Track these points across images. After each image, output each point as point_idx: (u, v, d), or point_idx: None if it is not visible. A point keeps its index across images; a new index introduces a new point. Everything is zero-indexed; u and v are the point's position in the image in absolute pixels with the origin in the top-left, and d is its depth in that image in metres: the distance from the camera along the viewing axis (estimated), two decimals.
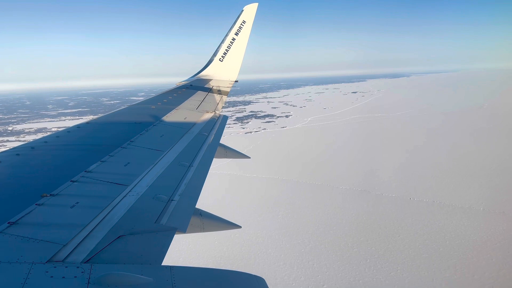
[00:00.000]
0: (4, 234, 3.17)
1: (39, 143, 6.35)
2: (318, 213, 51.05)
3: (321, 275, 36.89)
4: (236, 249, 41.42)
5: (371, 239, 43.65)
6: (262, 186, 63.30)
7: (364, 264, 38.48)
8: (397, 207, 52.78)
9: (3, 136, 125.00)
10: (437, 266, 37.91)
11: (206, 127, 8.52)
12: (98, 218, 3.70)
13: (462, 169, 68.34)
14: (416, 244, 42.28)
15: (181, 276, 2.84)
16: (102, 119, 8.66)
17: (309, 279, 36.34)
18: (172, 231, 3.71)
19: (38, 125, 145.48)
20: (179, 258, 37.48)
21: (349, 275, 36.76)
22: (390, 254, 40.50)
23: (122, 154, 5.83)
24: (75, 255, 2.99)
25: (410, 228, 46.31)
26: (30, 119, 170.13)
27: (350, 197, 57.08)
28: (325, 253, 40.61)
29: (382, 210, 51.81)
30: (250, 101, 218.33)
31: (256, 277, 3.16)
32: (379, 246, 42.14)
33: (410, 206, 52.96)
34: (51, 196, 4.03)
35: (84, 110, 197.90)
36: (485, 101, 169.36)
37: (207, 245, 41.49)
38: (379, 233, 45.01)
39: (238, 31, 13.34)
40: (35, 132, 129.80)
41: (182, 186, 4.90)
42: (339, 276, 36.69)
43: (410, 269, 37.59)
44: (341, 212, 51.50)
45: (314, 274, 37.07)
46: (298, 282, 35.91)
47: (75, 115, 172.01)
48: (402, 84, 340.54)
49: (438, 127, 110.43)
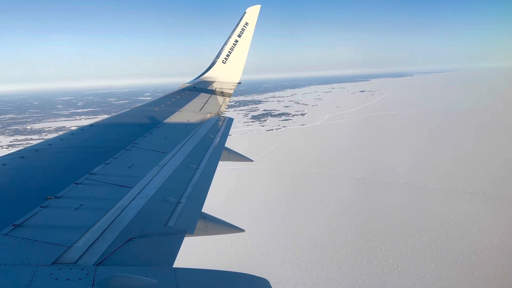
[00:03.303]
0: (9, 237, 3.17)
1: (44, 145, 6.36)
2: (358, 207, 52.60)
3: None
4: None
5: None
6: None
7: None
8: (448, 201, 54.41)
9: (24, 135, 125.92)
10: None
11: (211, 129, 8.49)
12: (103, 220, 3.71)
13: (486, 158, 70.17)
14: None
15: (185, 278, 2.85)
16: (105, 121, 8.72)
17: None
18: (182, 233, 3.73)
19: (56, 124, 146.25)
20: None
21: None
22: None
23: (126, 156, 5.84)
24: (87, 258, 3.01)
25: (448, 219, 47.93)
26: (45, 119, 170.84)
27: (394, 190, 58.78)
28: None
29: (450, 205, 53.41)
30: (260, 100, 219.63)
31: (261, 279, 3.16)
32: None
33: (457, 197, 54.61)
34: (55, 198, 4.05)
35: (96, 109, 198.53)
36: (497, 98, 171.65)
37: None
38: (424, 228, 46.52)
39: (241, 33, 13.27)
40: (55, 130, 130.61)
41: (189, 189, 4.89)
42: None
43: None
44: (383, 208, 53.04)
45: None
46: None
47: (89, 115, 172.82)
48: (407, 83, 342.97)
49: (457, 124, 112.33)
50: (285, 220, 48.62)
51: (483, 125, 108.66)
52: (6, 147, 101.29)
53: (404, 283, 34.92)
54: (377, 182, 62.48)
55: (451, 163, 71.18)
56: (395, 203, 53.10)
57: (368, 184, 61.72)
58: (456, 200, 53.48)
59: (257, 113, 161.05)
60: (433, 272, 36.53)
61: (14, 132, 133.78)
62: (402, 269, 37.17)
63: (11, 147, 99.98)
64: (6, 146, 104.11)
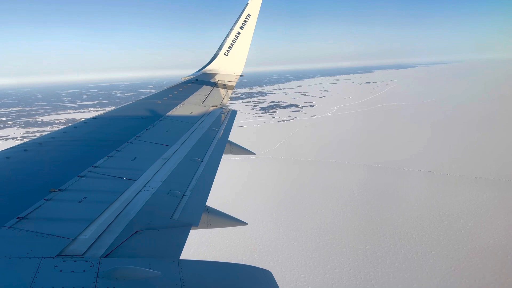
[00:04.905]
0: (14, 229, 3.18)
1: (47, 138, 6.36)
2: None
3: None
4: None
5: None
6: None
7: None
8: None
9: (36, 127, 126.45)
10: None
11: (214, 122, 8.50)
12: (108, 212, 3.72)
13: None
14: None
15: (188, 269, 2.87)
16: (108, 114, 8.71)
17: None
18: (188, 226, 3.75)
19: (66, 116, 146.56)
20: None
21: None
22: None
23: (129, 149, 5.85)
24: (94, 250, 3.03)
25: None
26: (53, 111, 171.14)
27: (416, 178, 59.44)
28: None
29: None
30: (266, 92, 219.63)
31: (264, 270, 3.18)
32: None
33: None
34: (59, 191, 4.07)
35: (102, 102, 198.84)
36: (505, 89, 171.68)
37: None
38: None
39: (243, 25, 13.09)
40: (66, 122, 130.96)
41: (193, 182, 4.91)
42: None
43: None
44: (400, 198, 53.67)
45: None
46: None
47: (96, 107, 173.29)
48: (411, 74, 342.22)
49: (469, 114, 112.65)
50: (306, 209, 49.34)
51: (495, 114, 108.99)
52: (20, 139, 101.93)
53: (440, 266, 35.68)
54: (398, 170, 63.11)
55: (468, 152, 71.77)
56: (420, 190, 53.77)
57: (390, 172, 62.35)
58: (480, 187, 54.12)
59: (265, 105, 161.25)
60: (467, 256, 37.29)
61: (25, 124, 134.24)
62: (435, 253, 37.93)
63: (26, 138, 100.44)
64: (20, 138, 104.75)
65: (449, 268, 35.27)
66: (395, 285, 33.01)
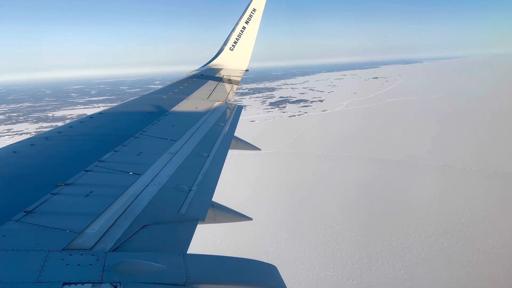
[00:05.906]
0: (21, 223, 3.21)
1: (53, 133, 6.38)
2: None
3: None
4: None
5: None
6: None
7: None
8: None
9: (48, 122, 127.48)
10: None
11: (220, 117, 8.47)
12: (115, 206, 3.73)
13: None
14: None
15: (194, 263, 2.88)
16: (114, 109, 8.75)
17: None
18: (195, 221, 3.77)
19: (77, 112, 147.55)
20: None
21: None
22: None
23: (135, 143, 5.88)
24: (102, 244, 3.04)
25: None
26: (63, 107, 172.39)
27: (434, 172, 59.61)
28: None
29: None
30: (274, 88, 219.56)
31: (269, 265, 3.20)
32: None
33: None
34: (65, 185, 4.10)
35: (111, 97, 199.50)
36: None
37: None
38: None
39: (248, 19, 12.91)
40: (77, 117, 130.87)
41: (200, 177, 4.91)
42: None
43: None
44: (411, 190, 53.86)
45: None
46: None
47: (105, 102, 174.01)
48: (419, 69, 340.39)
49: (481, 108, 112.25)
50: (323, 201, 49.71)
51: (508, 109, 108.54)
52: (35, 134, 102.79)
53: (468, 257, 36.01)
54: (416, 164, 63.34)
55: (483, 146, 71.79)
56: (440, 183, 54.00)
57: (407, 166, 62.62)
58: (499, 180, 54.28)
59: (274, 100, 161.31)
60: (493, 247, 37.60)
61: (37, 119, 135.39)
62: (461, 244, 38.27)
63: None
64: (34, 133, 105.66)
65: (477, 259, 35.60)
66: (425, 275, 33.43)
